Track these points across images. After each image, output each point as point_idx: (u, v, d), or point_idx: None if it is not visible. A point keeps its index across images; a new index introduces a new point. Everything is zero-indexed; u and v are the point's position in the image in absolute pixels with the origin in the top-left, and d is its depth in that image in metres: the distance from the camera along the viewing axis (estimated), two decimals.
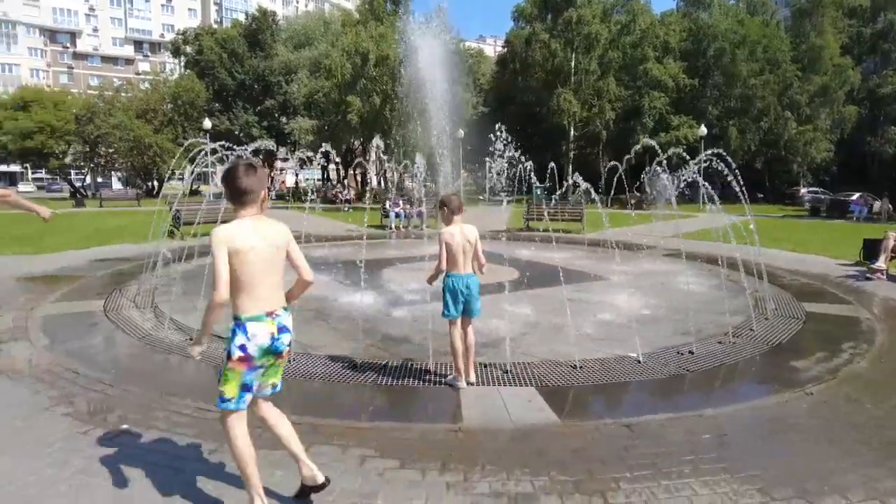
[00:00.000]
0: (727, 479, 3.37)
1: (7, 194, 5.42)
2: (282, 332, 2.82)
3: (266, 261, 2.77)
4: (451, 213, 4.73)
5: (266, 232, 2.81)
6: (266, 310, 2.78)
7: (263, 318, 2.77)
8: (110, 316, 7.00)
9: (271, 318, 2.79)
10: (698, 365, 5.51)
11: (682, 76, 43.57)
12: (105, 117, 42.08)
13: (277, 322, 2.81)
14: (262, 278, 2.77)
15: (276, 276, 2.84)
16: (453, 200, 4.80)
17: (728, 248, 8.99)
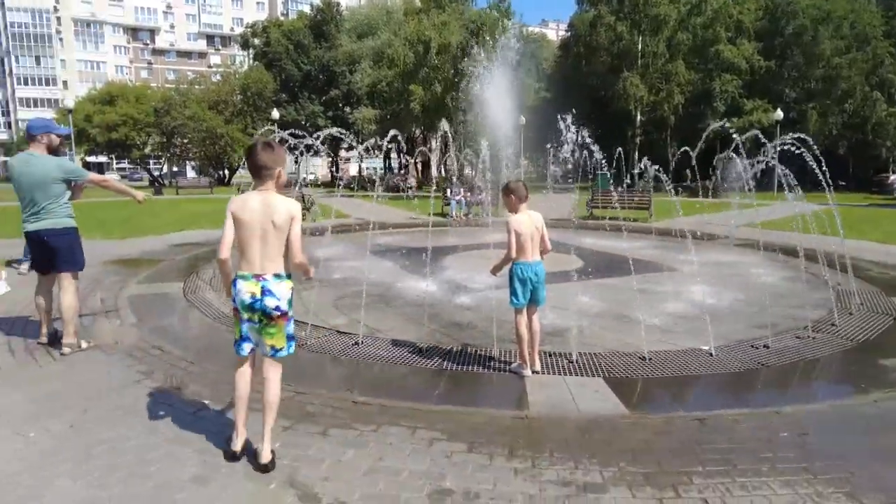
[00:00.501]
0: (809, 480, 3.21)
1: (106, 179, 5.91)
2: (265, 294, 3.14)
3: (260, 230, 3.11)
4: (519, 200, 4.70)
5: (271, 206, 3.12)
6: (254, 272, 3.15)
7: (249, 278, 3.15)
8: (189, 297, 7.40)
9: (256, 280, 3.14)
10: (774, 360, 5.25)
11: (756, 57, 41.21)
12: (180, 109, 44.26)
13: (262, 285, 3.14)
14: (254, 244, 3.13)
15: (269, 247, 3.14)
16: (520, 187, 4.76)
17: (808, 239, 8.51)
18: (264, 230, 3.12)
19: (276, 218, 3.11)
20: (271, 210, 3.11)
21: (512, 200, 4.73)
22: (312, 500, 2.95)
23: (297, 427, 3.77)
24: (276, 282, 3.18)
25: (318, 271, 8.10)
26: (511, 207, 4.76)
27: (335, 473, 3.21)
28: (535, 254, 4.70)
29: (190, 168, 64.88)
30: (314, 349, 5.41)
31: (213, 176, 47.98)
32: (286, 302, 3.24)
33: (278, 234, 3.14)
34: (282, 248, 3.19)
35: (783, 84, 42.40)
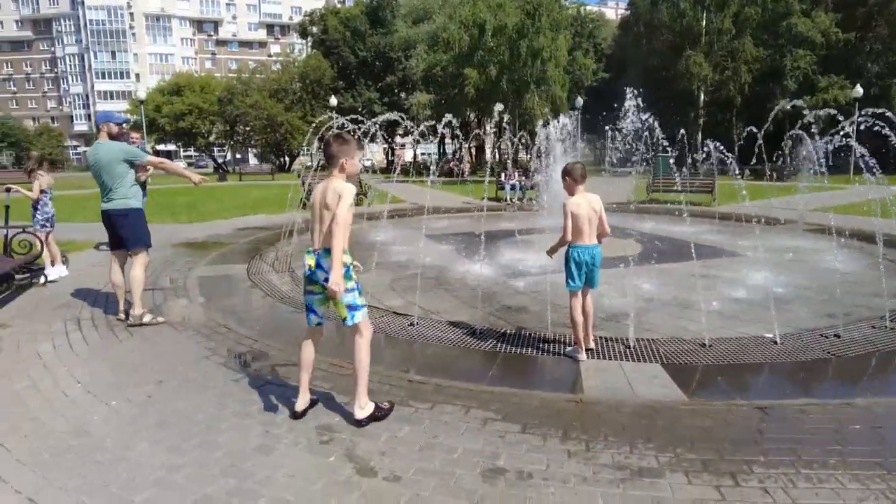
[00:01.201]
0: (883, 476, 3.06)
1: (164, 161, 6.33)
2: (317, 267, 3.49)
3: (318, 211, 3.50)
4: (575, 181, 4.66)
5: (326, 191, 3.46)
6: (313, 248, 3.53)
7: (309, 252, 3.53)
8: (253, 278, 7.71)
9: (311, 254, 3.51)
10: (846, 350, 5.00)
11: (833, 30, 38.63)
12: (242, 98, 45.79)
13: (315, 257, 3.50)
14: (314, 223, 3.55)
15: (322, 224, 3.48)
16: (577, 169, 4.71)
17: (887, 224, 7.99)
18: (320, 210, 3.48)
19: (327, 198, 3.44)
20: (324, 195, 3.47)
21: (568, 182, 4.70)
22: (369, 474, 3.06)
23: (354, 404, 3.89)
24: (325, 256, 3.46)
25: (376, 254, 8.30)
26: (569, 189, 4.72)
27: (391, 449, 3.31)
28: (593, 237, 4.65)
29: (252, 155, 67.10)
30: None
31: (275, 163, 49.42)
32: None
33: (329, 213, 3.43)
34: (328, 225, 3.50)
35: (864, 58, 39.62)
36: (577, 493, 2.88)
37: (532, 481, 2.99)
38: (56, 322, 5.76)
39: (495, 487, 2.93)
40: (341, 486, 2.96)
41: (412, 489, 2.91)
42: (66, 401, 3.98)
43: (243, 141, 52.65)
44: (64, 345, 5.12)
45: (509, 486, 2.95)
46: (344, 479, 3.02)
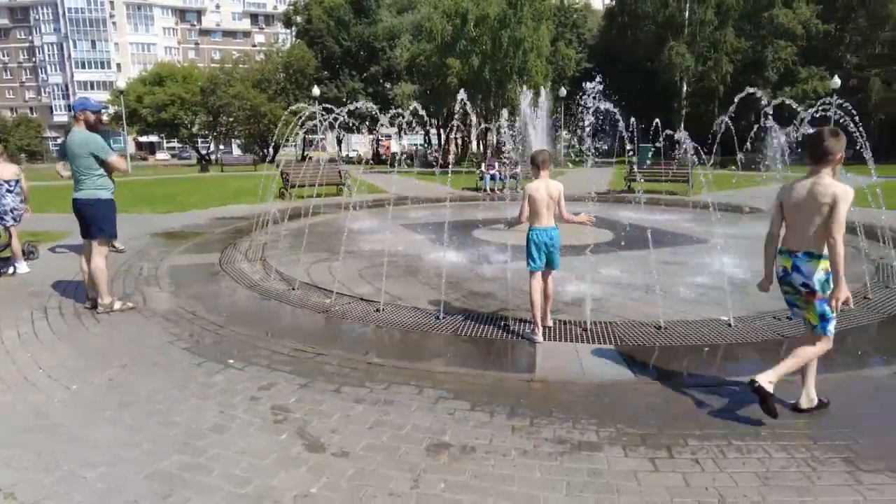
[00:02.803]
0: (809, 446, 3.22)
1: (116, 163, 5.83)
2: (794, 270, 3.47)
3: (804, 212, 3.41)
4: (536, 168, 4.92)
5: (816, 191, 3.35)
6: (788, 248, 3.55)
7: (784, 254, 3.58)
8: (225, 267, 7.75)
9: (788, 256, 3.52)
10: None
11: (814, 21, 38.98)
12: (225, 88, 45.34)
13: (792, 260, 3.48)
14: (793, 224, 3.53)
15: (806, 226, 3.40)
16: (537, 156, 4.99)
17: (852, 213, 8.19)
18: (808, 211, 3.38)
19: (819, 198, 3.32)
20: (815, 192, 3.34)
21: (532, 168, 5.00)
22: (318, 450, 3.16)
23: (313, 385, 4.00)
24: (808, 260, 3.41)
25: (349, 244, 8.36)
26: (533, 175, 4.98)
27: (342, 426, 3.42)
28: (550, 220, 4.88)
29: (236, 146, 66.54)
30: (337, 315, 5.64)
31: (258, 154, 49.07)
32: (815, 281, 3.40)
33: (819, 217, 3.32)
34: (818, 226, 3.34)
35: (844, 49, 40.06)
36: (516, 465, 3.01)
37: (474, 455, 3.11)
38: (23, 310, 5.78)
39: (438, 461, 3.05)
40: (290, 461, 3.06)
41: (358, 463, 3.02)
42: (27, 385, 4.04)
43: (226, 132, 52.23)
44: (29, 332, 5.16)
45: (452, 459, 3.06)
46: (293, 454, 3.12)
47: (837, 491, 2.81)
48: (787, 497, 2.76)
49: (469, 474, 2.93)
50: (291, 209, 10.71)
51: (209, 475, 2.92)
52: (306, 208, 10.19)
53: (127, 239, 9.32)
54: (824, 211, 3.29)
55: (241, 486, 2.83)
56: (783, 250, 3.57)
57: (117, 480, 2.88)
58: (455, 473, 2.93)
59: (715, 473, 2.96)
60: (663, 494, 2.78)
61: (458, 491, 2.79)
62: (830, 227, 3.25)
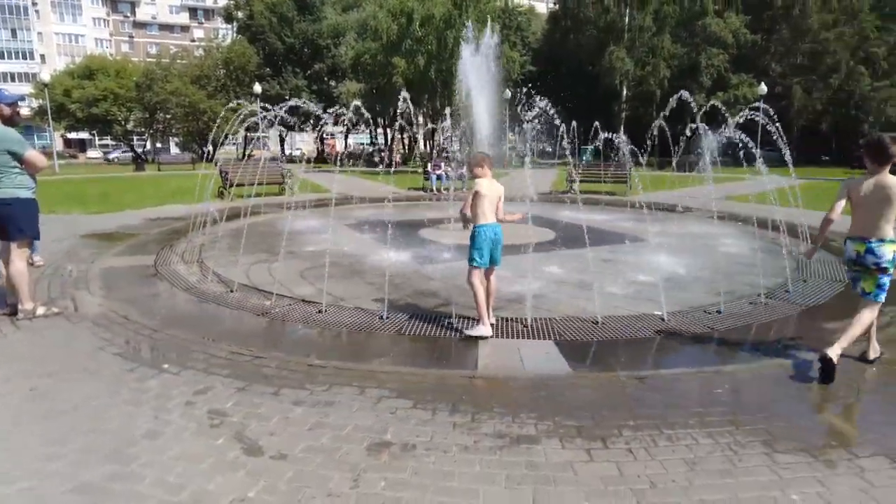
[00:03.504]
0: (731, 431, 3.41)
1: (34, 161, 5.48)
2: (867, 253, 4.27)
3: (871, 204, 4.24)
4: (479, 167, 5.06)
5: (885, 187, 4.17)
6: (861, 235, 4.33)
7: (855, 240, 4.37)
8: (160, 269, 7.47)
9: (862, 242, 4.30)
10: (725, 324, 5.45)
11: (743, 31, 41.08)
12: (162, 84, 43.50)
13: (867, 245, 4.25)
14: (865, 214, 4.28)
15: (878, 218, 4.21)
16: (475, 158, 5.16)
17: (775, 211, 8.72)
18: (878, 203, 4.15)
19: (889, 193, 4.10)
20: (884, 188, 4.13)
21: (474, 170, 5.12)
22: (256, 453, 3.10)
23: (251, 388, 3.92)
24: (882, 245, 4.18)
25: (291, 245, 8.22)
26: (476, 175, 5.10)
27: (281, 429, 3.36)
28: (494, 217, 5.04)
29: (174, 144, 64.09)
30: (277, 317, 5.54)
31: (197, 152, 47.40)
32: (887, 261, 4.19)
33: (882, 205, 4.13)
34: (886, 215, 4.12)
35: (769, 58, 42.35)
36: (457, 461, 3.05)
37: (415, 452, 3.13)
38: None
39: (379, 459, 3.05)
40: (227, 465, 2.99)
41: (297, 465, 2.99)
42: None
43: (164, 129, 50.13)
44: None
45: (393, 457, 3.07)
46: (230, 458, 3.05)
47: (756, 471, 2.99)
48: (711, 480, 2.92)
49: (410, 471, 2.95)
50: (231, 209, 10.41)
51: (141, 483, 2.82)
52: (246, 208, 9.93)
53: (53, 241, 8.84)
54: (892, 202, 4.10)
55: (175, 493, 2.75)
56: (855, 237, 4.33)
57: (39, 496, 2.74)
58: (396, 471, 2.94)
59: (647, 461, 3.09)
60: (598, 484, 2.88)
61: (399, 488, 2.81)
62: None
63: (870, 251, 4.22)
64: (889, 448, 3.23)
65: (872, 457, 3.14)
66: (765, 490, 2.83)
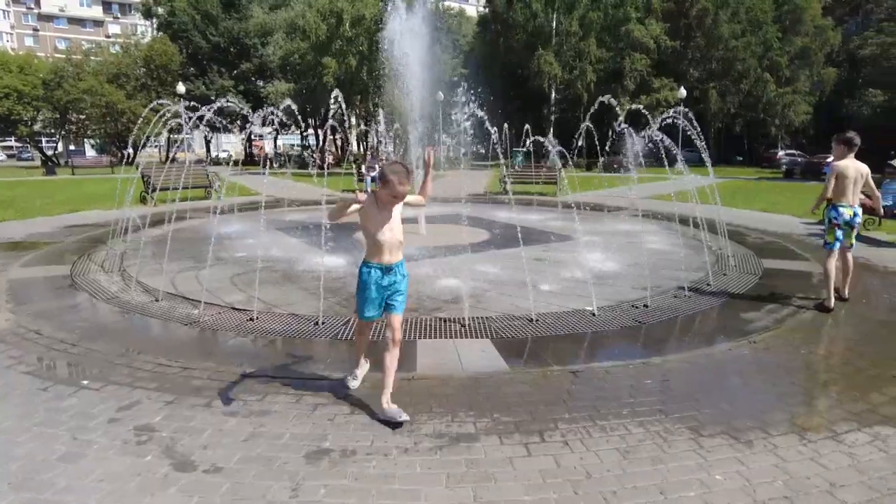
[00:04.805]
0: (661, 420, 3.58)
1: None
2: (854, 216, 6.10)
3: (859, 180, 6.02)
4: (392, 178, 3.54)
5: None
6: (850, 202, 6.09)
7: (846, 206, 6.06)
8: (77, 280, 7.02)
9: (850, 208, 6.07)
10: (652, 317, 5.71)
11: (663, 37, 43.19)
12: (74, 82, 40.83)
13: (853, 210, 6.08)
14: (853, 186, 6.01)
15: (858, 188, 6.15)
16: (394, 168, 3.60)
17: (697, 209, 9.20)
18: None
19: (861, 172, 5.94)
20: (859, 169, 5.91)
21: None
22: (188, 468, 2.97)
23: (181, 401, 3.75)
24: (859, 210, 5.99)
25: (220, 250, 7.92)
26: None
27: (214, 442, 3.24)
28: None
29: (90, 146, 60.38)
30: (206, 326, 5.32)
31: (116, 155, 44.82)
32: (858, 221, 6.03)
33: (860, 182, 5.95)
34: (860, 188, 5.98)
35: (687, 64, 44.71)
36: (398, 464, 3.04)
37: (356, 457, 3.09)
38: None
39: (318, 467, 2.99)
40: (157, 483, 2.85)
41: (233, 478, 2.89)
42: None
43: (77, 131, 47.01)
44: None
45: (332, 464, 3.02)
46: (160, 476, 2.91)
47: (684, 457, 3.15)
48: (643, 468, 3.05)
49: (350, 477, 2.91)
50: (154, 214, 9.93)
51: None
52: (171, 213, 9.49)
53: None
54: (864, 179, 5.92)
55: None
56: (846, 206, 5.91)
57: None
58: (336, 478, 2.90)
59: (582, 453, 3.19)
60: (536, 477, 2.95)
61: (340, 495, 2.77)
62: (871, 186, 6.09)
63: (856, 214, 5.93)
64: (798, 426, 3.49)
65: (784, 435, 3.38)
66: (692, 473, 2.99)
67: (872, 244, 9.69)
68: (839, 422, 3.55)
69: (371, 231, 3.49)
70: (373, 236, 3.49)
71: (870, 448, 3.24)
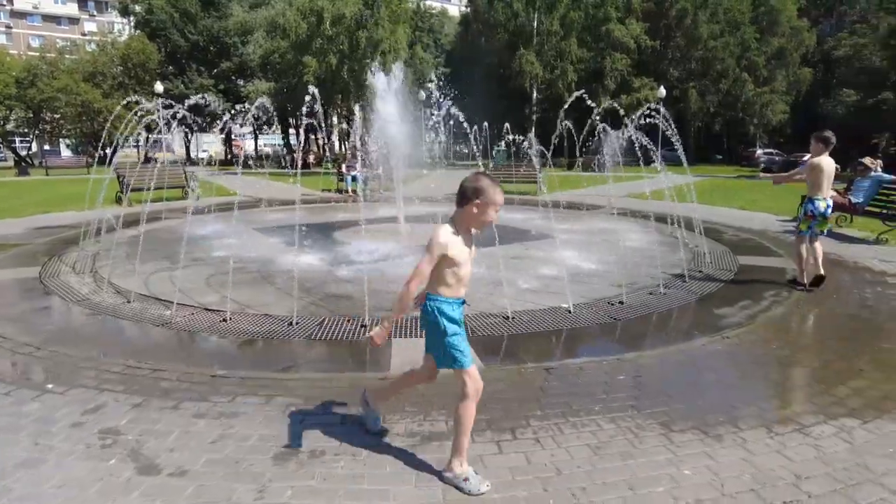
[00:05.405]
0: (633, 415, 3.59)
1: None
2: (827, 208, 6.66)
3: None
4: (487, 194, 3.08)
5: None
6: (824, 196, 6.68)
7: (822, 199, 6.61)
8: (46, 282, 6.87)
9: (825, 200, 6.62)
10: (627, 314, 5.74)
11: (643, 37, 43.58)
12: (49, 80, 40.04)
13: (826, 203, 6.62)
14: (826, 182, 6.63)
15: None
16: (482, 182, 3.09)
17: (674, 207, 9.29)
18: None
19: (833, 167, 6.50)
20: (831, 164, 6.44)
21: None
22: (153, 472, 2.91)
23: (148, 403, 3.68)
24: (830, 202, 6.56)
25: (195, 251, 7.81)
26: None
27: (182, 444, 3.18)
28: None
29: (65, 146, 59.32)
30: (178, 327, 5.24)
31: (92, 155, 44.01)
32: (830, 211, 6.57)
33: (832, 176, 6.47)
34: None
35: (667, 64, 45.18)
36: (367, 464, 3.01)
37: (324, 458, 3.06)
38: None
39: (285, 468, 2.95)
40: (120, 488, 2.79)
41: (198, 481, 2.84)
42: None
43: (52, 130, 46.10)
44: None
45: (300, 465, 2.99)
46: (123, 480, 2.85)
47: (654, 452, 3.16)
48: (613, 464, 3.05)
49: (318, 478, 2.88)
50: (129, 215, 9.77)
51: None
52: (146, 214, 9.35)
53: None
54: (833, 174, 6.43)
55: None
56: (821, 199, 6.44)
57: None
58: (303, 479, 2.86)
59: (553, 450, 3.19)
60: (506, 475, 2.94)
61: (306, 496, 2.73)
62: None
63: (828, 206, 6.49)
64: (766, 420, 3.52)
65: (753, 429, 3.41)
66: (661, 468, 3.00)
67: (844, 241, 9.86)
68: (806, 415, 3.60)
69: (459, 262, 3.01)
70: (459, 268, 3.02)
71: (835, 440, 3.28)
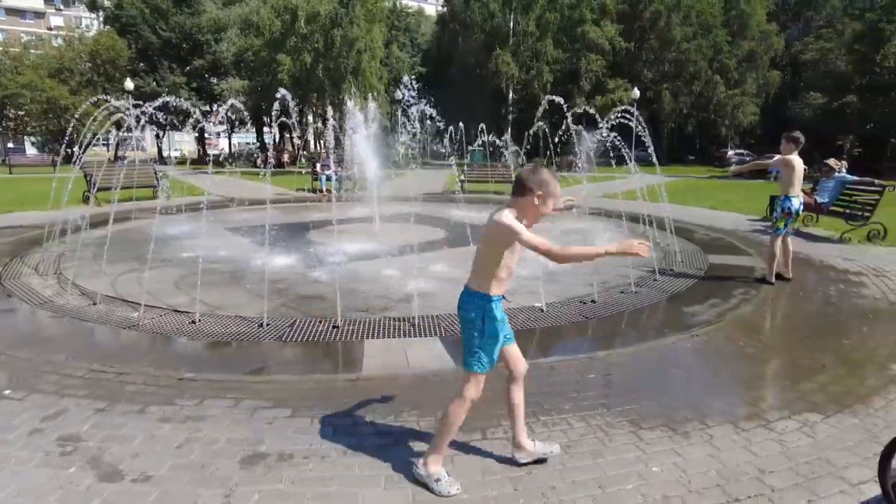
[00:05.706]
0: (603, 413, 3.62)
1: None
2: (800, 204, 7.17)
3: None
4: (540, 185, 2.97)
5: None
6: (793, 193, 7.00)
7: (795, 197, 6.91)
8: (6, 283, 6.66)
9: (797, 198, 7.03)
10: (599, 313, 5.79)
11: (618, 39, 44.10)
12: (13, 76, 38.90)
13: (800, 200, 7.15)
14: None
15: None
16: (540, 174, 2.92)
17: (646, 207, 9.40)
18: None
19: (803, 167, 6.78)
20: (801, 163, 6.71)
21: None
22: (115, 478, 2.84)
23: (112, 408, 3.59)
24: (801, 198, 6.83)
25: (164, 252, 7.66)
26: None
27: (147, 449, 3.11)
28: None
29: (30, 144, 57.73)
30: (145, 329, 5.13)
31: (58, 153, 42.90)
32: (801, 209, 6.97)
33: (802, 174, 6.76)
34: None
35: (641, 65, 45.78)
36: (336, 466, 2.98)
37: (293, 461, 3.02)
38: None
39: (253, 472, 2.91)
40: (80, 496, 2.71)
41: (162, 486, 2.78)
42: None
43: (16, 127, 44.77)
44: None
45: (268, 468, 2.94)
46: (84, 488, 2.77)
47: (623, 449, 3.19)
48: (583, 462, 3.08)
49: (287, 481, 2.84)
50: (96, 215, 9.53)
51: None
52: (114, 213, 9.12)
53: None
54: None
55: None
56: (795, 196, 6.70)
57: None
58: (271, 482, 2.82)
59: None
60: (477, 475, 2.94)
61: (274, 499, 2.69)
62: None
63: (801, 203, 6.79)
64: (733, 416, 3.59)
65: (720, 425, 3.47)
66: (630, 466, 3.03)
67: (810, 239, 10.10)
68: (771, 410, 3.67)
69: (510, 258, 2.94)
70: (509, 264, 2.95)
71: (798, 434, 3.35)
